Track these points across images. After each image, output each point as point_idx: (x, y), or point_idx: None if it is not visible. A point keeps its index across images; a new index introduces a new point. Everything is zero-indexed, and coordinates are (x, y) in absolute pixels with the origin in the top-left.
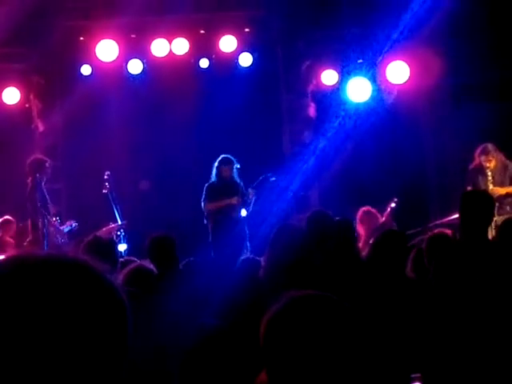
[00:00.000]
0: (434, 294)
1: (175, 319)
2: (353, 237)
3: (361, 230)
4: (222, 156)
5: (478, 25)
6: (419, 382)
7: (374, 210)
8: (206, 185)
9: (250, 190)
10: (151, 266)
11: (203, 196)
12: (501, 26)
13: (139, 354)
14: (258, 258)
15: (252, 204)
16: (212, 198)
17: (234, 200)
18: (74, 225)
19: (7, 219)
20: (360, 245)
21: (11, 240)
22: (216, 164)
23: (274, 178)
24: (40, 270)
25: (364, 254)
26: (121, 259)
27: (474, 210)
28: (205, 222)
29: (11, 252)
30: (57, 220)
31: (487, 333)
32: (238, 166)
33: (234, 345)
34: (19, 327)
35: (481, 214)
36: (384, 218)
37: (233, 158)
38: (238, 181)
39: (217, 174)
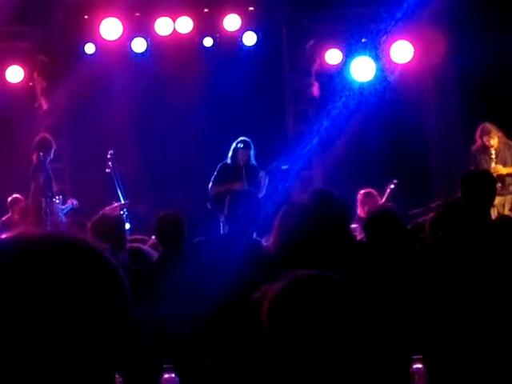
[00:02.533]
0: (436, 275)
1: (177, 300)
2: (348, 219)
3: (361, 211)
4: (241, 139)
5: (483, 3)
6: (420, 363)
7: (374, 192)
8: (219, 165)
9: (261, 173)
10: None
11: (213, 176)
12: (505, 4)
13: (141, 333)
14: (257, 239)
15: (264, 188)
16: (222, 181)
17: (237, 185)
18: (74, 203)
19: (16, 198)
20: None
21: (18, 218)
22: (233, 146)
23: (286, 166)
24: (38, 250)
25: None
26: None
27: (476, 190)
28: (208, 205)
29: (14, 231)
30: (59, 199)
31: (489, 314)
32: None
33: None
34: (17, 304)
35: (482, 194)
36: (383, 200)
37: (250, 142)
38: (255, 165)
39: (232, 157)
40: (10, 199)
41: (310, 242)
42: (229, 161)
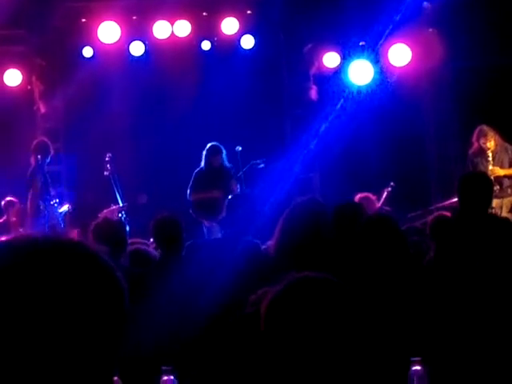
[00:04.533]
0: (434, 277)
1: (176, 302)
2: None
3: None
4: (210, 145)
5: (480, 7)
6: (419, 365)
7: (371, 196)
8: (195, 172)
9: (232, 181)
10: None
11: (190, 184)
12: (503, 9)
13: (140, 336)
14: (256, 241)
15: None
16: (198, 188)
17: (216, 193)
18: (69, 207)
19: (11, 200)
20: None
21: (16, 221)
22: (204, 153)
23: (262, 165)
24: (36, 253)
25: None
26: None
27: (473, 193)
28: (190, 211)
29: (13, 233)
30: (56, 202)
31: (488, 315)
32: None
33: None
34: (14, 307)
35: (480, 196)
36: (380, 203)
37: (221, 146)
38: (229, 166)
39: (206, 163)
40: (3, 202)
41: (312, 246)
42: (202, 167)
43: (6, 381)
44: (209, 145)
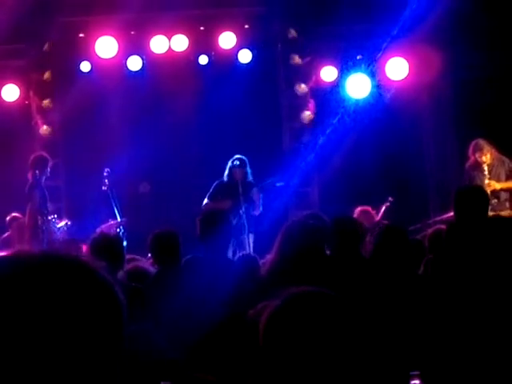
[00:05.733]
0: (432, 291)
1: (175, 316)
2: (357, 234)
3: None
4: (237, 157)
5: (479, 18)
6: (418, 379)
7: (370, 209)
8: (215, 183)
9: (254, 190)
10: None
11: (208, 193)
12: (500, 20)
13: (139, 349)
14: (254, 255)
15: (260, 204)
16: (215, 199)
17: (227, 204)
18: (68, 223)
19: (15, 216)
20: None
21: (16, 236)
22: (229, 164)
23: (281, 183)
24: (34, 268)
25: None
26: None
27: (469, 206)
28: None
29: (12, 249)
30: (54, 217)
31: (487, 330)
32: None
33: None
34: (12, 321)
35: (475, 210)
36: (379, 217)
37: (246, 160)
38: (252, 181)
39: (228, 175)
40: (8, 218)
41: (310, 260)
42: (225, 178)
43: None
44: (234, 157)
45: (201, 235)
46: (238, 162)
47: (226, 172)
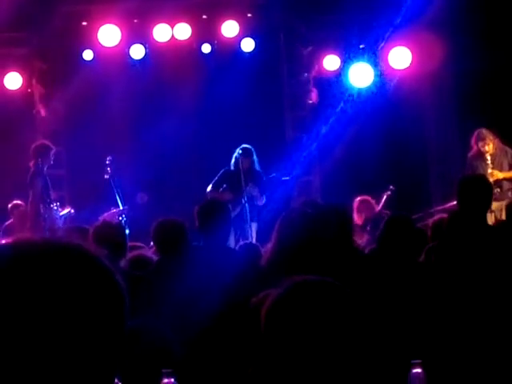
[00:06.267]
0: (435, 278)
1: (177, 304)
2: (349, 224)
3: (357, 218)
4: (242, 146)
5: (481, 8)
6: (419, 367)
7: (370, 199)
8: (222, 171)
9: (250, 185)
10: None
11: (213, 180)
12: (503, 10)
13: (140, 338)
14: (256, 244)
15: (259, 197)
16: (220, 186)
17: (227, 195)
18: (71, 211)
19: (17, 204)
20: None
21: (18, 223)
22: (236, 154)
23: (287, 178)
24: (36, 256)
25: (360, 242)
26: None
27: (472, 195)
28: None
29: (13, 236)
30: (56, 205)
31: (488, 319)
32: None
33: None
34: (13, 309)
35: (479, 199)
36: (380, 207)
37: (252, 148)
38: (259, 170)
39: (234, 164)
40: (10, 205)
41: (308, 249)
42: (231, 167)
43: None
44: (241, 146)
45: (199, 226)
46: (242, 152)
47: (233, 161)
